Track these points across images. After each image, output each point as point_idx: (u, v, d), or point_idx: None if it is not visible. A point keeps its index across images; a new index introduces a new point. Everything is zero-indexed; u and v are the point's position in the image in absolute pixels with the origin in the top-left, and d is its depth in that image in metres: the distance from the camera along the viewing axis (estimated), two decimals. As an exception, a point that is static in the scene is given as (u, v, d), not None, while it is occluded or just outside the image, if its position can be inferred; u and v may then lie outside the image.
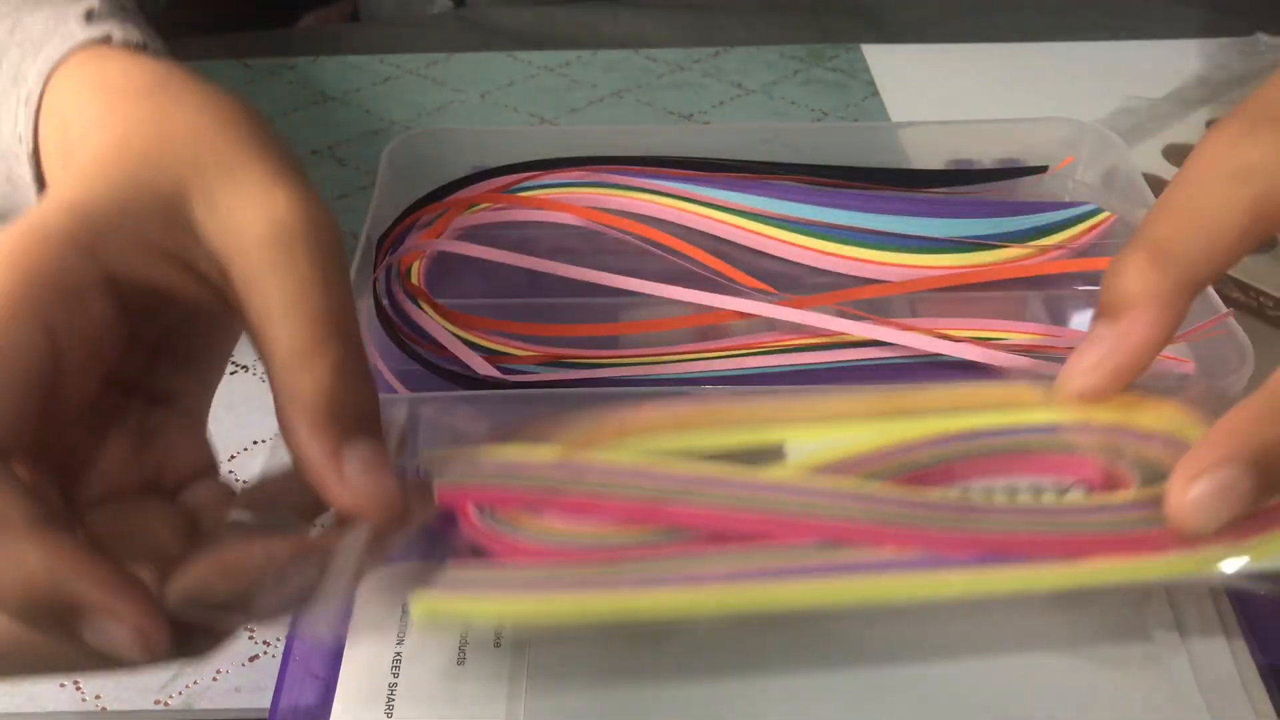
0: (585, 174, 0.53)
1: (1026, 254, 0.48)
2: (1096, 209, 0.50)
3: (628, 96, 0.71)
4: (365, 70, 0.73)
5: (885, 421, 0.33)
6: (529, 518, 0.31)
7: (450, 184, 0.52)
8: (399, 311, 0.45)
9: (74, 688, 0.39)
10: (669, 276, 0.48)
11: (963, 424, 0.33)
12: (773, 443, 0.33)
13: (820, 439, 0.33)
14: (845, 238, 0.49)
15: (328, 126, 0.68)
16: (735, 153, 0.53)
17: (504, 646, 0.36)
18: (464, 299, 0.46)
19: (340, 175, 0.64)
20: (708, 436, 0.33)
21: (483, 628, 0.36)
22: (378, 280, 0.46)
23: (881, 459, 0.32)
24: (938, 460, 0.33)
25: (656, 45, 0.75)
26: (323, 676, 0.37)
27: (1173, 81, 0.68)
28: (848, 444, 0.33)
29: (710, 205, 0.51)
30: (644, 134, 0.56)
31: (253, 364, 0.51)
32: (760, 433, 0.33)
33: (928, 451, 0.33)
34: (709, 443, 0.33)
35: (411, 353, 0.43)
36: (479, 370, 0.42)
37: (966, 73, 0.72)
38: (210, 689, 0.39)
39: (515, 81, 0.72)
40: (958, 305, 0.47)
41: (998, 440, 0.33)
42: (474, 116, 0.69)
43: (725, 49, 0.75)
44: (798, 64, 0.74)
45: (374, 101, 0.70)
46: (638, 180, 0.52)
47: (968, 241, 0.48)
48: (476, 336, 0.44)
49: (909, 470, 0.32)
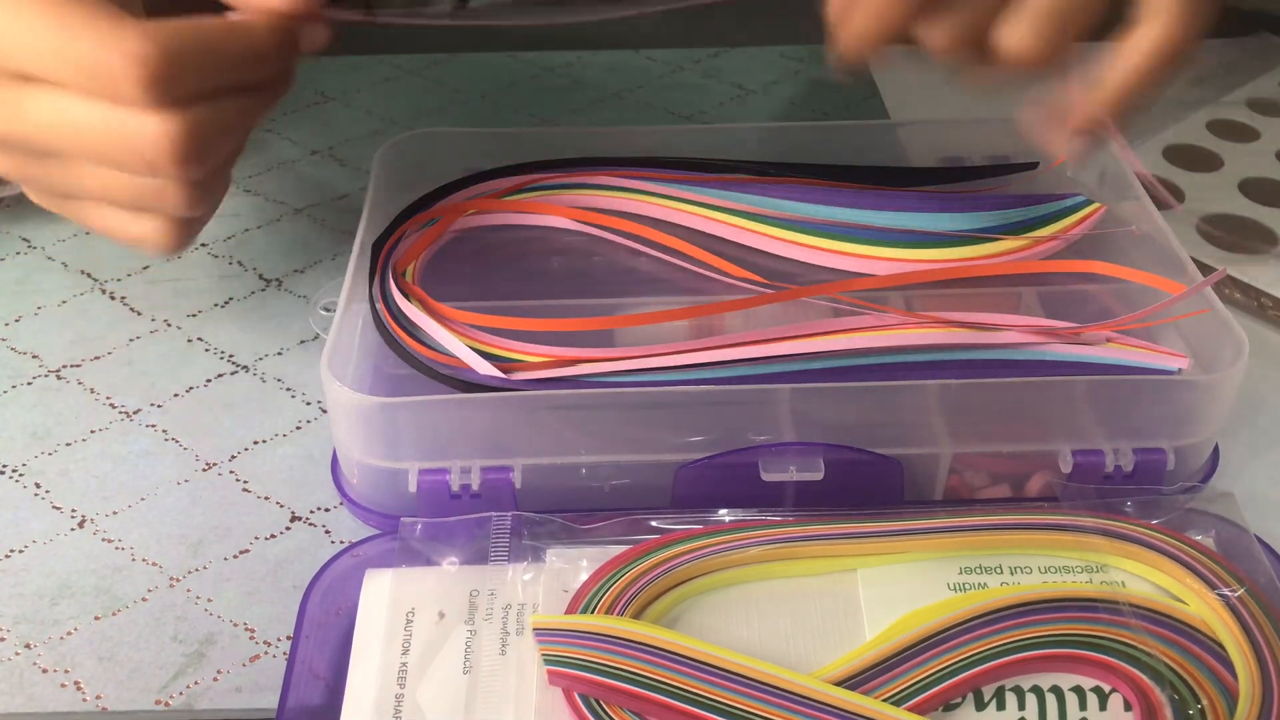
0: (584, 175, 0.53)
1: (1020, 245, 0.49)
2: (1086, 200, 0.51)
3: (628, 97, 0.71)
4: (365, 70, 0.73)
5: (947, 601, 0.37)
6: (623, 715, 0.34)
7: (450, 184, 0.52)
8: (396, 314, 0.45)
9: (74, 688, 0.39)
10: (667, 276, 0.48)
11: (1021, 593, 0.37)
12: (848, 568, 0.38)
13: (886, 568, 0.38)
14: (840, 234, 0.49)
15: (328, 126, 0.68)
16: (735, 153, 0.54)
17: (509, 655, 0.36)
18: (461, 300, 0.46)
19: (340, 175, 0.64)
20: (794, 568, 0.38)
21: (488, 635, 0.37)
22: (375, 283, 0.46)
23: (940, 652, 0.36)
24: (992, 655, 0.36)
25: (656, 45, 0.75)
26: (327, 679, 0.37)
27: (1172, 81, 0.68)
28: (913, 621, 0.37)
29: (710, 206, 0.51)
30: (644, 134, 0.56)
31: (253, 364, 0.51)
32: (838, 564, 0.39)
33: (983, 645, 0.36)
34: (794, 571, 0.38)
35: (409, 355, 0.43)
36: (478, 371, 0.42)
37: (966, 72, 0.72)
38: (211, 689, 0.39)
39: (516, 82, 0.72)
40: (952, 300, 0.47)
41: (1052, 630, 0.36)
42: (474, 117, 0.69)
43: (725, 49, 0.76)
44: (798, 64, 0.74)
45: (374, 101, 0.70)
46: (637, 181, 0.52)
47: (961, 235, 0.49)
48: (474, 338, 0.44)
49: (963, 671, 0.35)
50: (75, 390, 0.50)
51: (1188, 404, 0.42)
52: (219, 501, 0.45)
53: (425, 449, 0.41)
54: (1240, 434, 0.47)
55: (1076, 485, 0.41)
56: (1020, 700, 0.35)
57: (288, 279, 0.56)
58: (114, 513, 0.45)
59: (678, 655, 0.35)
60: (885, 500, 0.42)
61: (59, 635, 0.40)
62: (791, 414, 0.41)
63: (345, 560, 0.39)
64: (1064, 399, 0.42)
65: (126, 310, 0.55)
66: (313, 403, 0.49)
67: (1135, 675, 0.35)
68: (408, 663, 0.36)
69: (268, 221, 0.60)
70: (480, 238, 0.52)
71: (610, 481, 0.42)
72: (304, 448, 0.47)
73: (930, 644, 0.36)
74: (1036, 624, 0.36)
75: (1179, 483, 0.42)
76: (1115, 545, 0.38)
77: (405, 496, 0.41)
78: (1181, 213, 0.56)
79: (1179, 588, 0.37)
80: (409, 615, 0.37)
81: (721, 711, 0.34)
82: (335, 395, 0.40)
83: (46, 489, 0.46)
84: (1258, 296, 0.53)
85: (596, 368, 0.42)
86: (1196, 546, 0.38)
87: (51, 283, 0.56)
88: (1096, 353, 0.44)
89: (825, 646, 0.36)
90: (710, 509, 0.40)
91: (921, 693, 0.34)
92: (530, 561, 0.38)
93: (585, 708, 0.34)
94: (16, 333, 0.53)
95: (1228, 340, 0.42)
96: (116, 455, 0.47)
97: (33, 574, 0.43)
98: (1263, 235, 0.56)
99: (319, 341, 0.49)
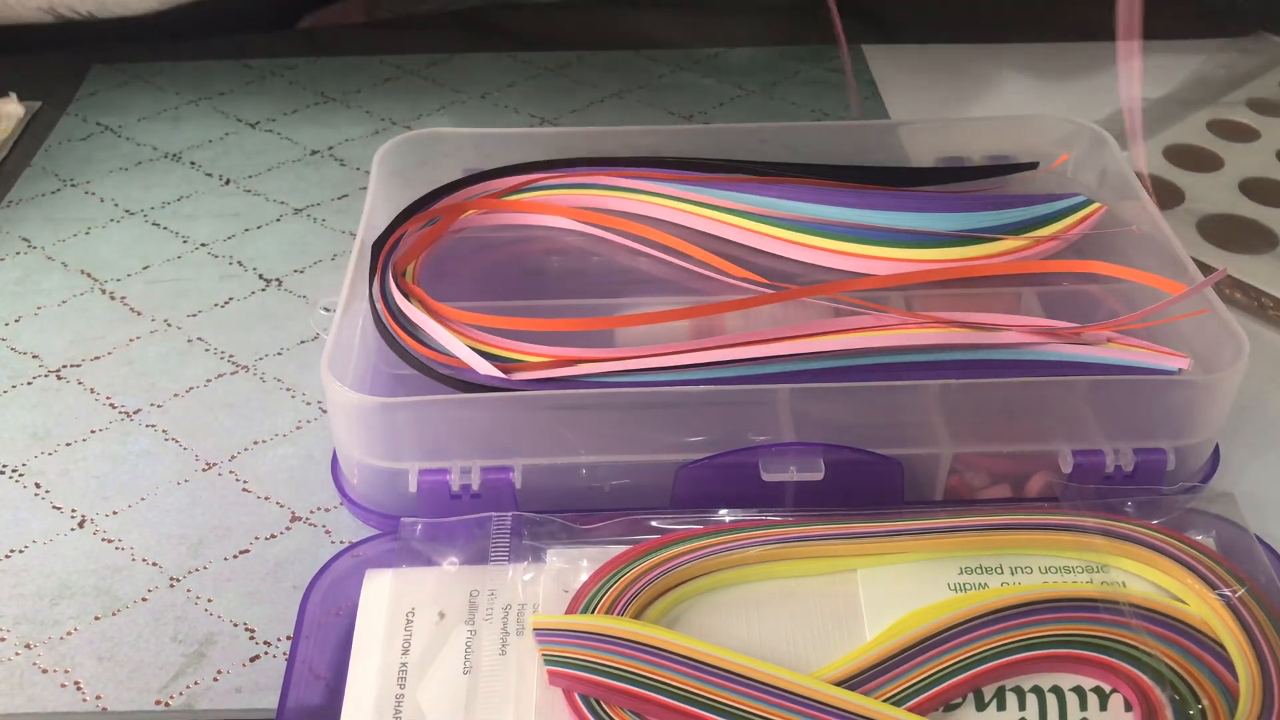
0: (584, 175, 0.53)
1: (1020, 245, 0.49)
2: (1087, 200, 0.51)
3: (628, 97, 0.71)
4: (365, 70, 0.73)
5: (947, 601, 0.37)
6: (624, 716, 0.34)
7: (450, 184, 0.52)
8: (396, 314, 0.45)
9: (75, 688, 0.39)
10: (667, 277, 0.48)
11: (1021, 593, 0.37)
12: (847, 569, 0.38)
13: (886, 568, 0.38)
14: (840, 234, 0.49)
15: (328, 126, 0.68)
16: (735, 153, 0.54)
17: (509, 655, 0.36)
18: (461, 300, 0.46)
19: (340, 175, 0.64)
20: (795, 568, 0.38)
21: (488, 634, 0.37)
22: (375, 283, 0.46)
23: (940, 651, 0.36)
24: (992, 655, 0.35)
25: (656, 45, 0.75)
26: (327, 679, 0.37)
27: (1173, 81, 0.68)
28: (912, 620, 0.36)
29: (710, 206, 0.51)
30: (644, 134, 0.56)
31: (253, 364, 0.51)
32: (838, 564, 0.38)
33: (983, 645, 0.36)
34: (794, 571, 0.38)
35: (409, 355, 0.43)
36: (478, 371, 0.42)
37: (966, 73, 0.72)
38: (211, 689, 0.39)
39: (516, 82, 0.72)
40: (952, 300, 0.47)
41: (1053, 630, 0.36)
42: (474, 117, 0.69)
43: (725, 49, 0.76)
44: (798, 64, 0.74)
45: (374, 101, 0.70)
46: (637, 181, 0.52)
47: (961, 235, 0.49)
48: (474, 338, 0.44)
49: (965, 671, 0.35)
50: (75, 390, 0.50)
51: (1188, 404, 0.42)
52: (219, 501, 0.45)
53: (425, 449, 0.41)
54: (1240, 434, 0.47)
55: (1076, 485, 0.41)
56: (1020, 700, 0.35)
57: (288, 279, 0.56)
58: (114, 513, 0.45)
59: (678, 655, 0.35)
60: (885, 500, 0.42)
61: (59, 635, 0.40)
62: (791, 414, 0.41)
63: (345, 560, 0.39)
64: (1064, 399, 0.42)
65: (126, 310, 0.55)
66: (313, 403, 0.49)
67: (1136, 675, 0.35)
68: (408, 663, 0.36)
69: (268, 221, 0.60)
70: (480, 238, 0.52)
71: (610, 482, 0.42)
72: (304, 448, 0.47)
73: (930, 644, 0.36)
74: (1037, 624, 0.36)
75: (1179, 483, 0.42)
76: (1116, 545, 0.38)
77: (405, 497, 0.41)
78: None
79: (1179, 588, 0.37)
80: (409, 615, 0.37)
81: (721, 711, 0.33)
82: (335, 395, 0.40)
83: (46, 489, 0.46)
84: (1258, 296, 0.53)
85: (597, 368, 0.42)
86: (1197, 546, 0.38)
87: (51, 283, 0.56)
88: (1096, 353, 0.44)
89: (825, 646, 0.36)
90: (710, 509, 0.40)
91: (922, 693, 0.34)
92: (530, 562, 0.38)
93: (585, 708, 0.34)
94: (16, 333, 0.53)
95: (1228, 340, 0.42)
96: (116, 455, 0.47)
97: (33, 574, 0.43)
98: (1263, 235, 0.56)
99: (319, 341, 0.49)
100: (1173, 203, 0.58)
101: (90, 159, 0.66)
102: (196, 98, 0.71)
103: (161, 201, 0.62)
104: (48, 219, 0.61)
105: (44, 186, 0.63)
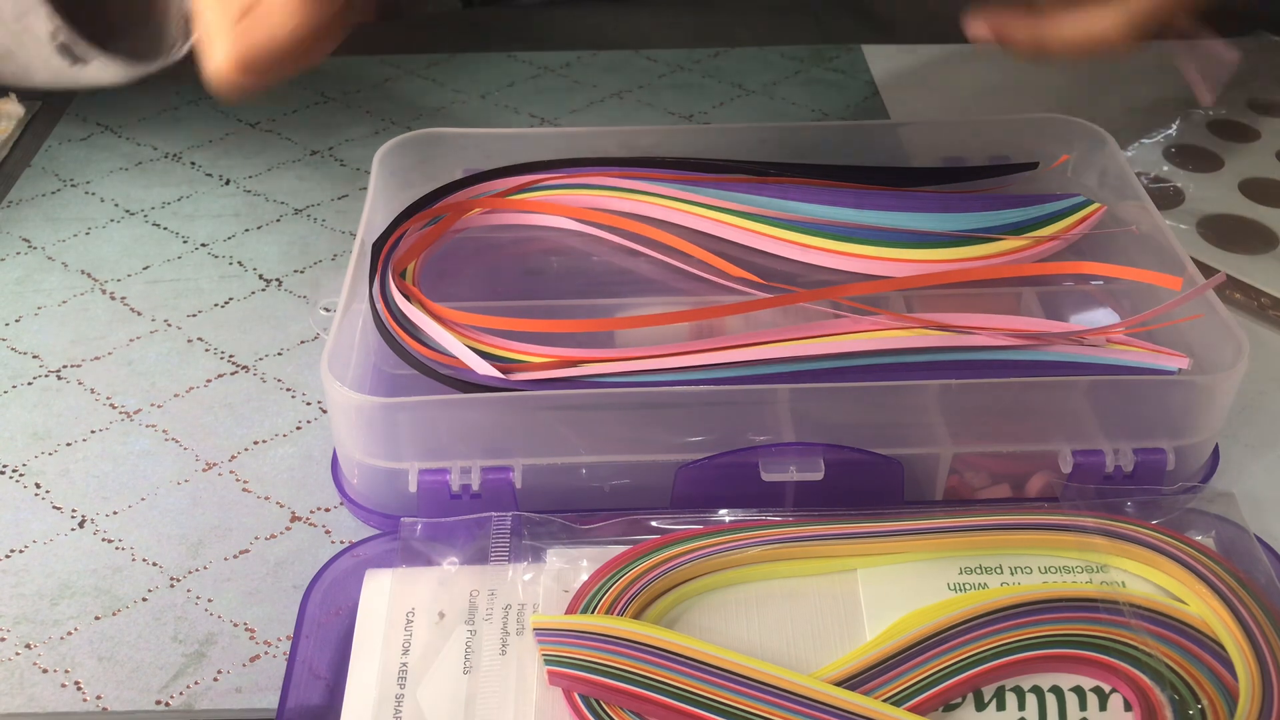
0: (584, 175, 0.53)
1: (1020, 245, 0.49)
2: (1086, 200, 0.51)
3: (628, 97, 0.71)
4: (365, 70, 0.73)
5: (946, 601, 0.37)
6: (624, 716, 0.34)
7: (450, 184, 0.52)
8: (396, 314, 0.45)
9: (75, 688, 0.39)
10: (667, 277, 0.48)
11: (1021, 593, 0.37)
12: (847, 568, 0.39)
13: (886, 568, 0.38)
14: (840, 234, 0.49)
15: (328, 126, 0.68)
16: (735, 153, 0.54)
17: (509, 655, 0.36)
18: (461, 300, 0.46)
19: (340, 175, 0.64)
20: (795, 568, 0.38)
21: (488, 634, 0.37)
22: (375, 283, 0.46)
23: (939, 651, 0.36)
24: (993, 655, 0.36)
25: (656, 45, 0.75)
26: (327, 679, 0.37)
27: (1173, 81, 0.68)
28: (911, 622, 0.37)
29: (710, 206, 0.51)
30: (644, 134, 0.56)
31: (253, 364, 0.51)
32: (838, 564, 0.39)
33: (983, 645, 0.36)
34: (794, 571, 0.38)
35: (409, 355, 0.43)
36: (478, 371, 0.42)
37: (966, 73, 0.72)
38: (211, 689, 0.39)
39: (515, 82, 0.72)
40: (953, 301, 0.47)
41: (1053, 630, 0.36)
42: (474, 117, 0.69)
43: (725, 49, 0.76)
44: (798, 64, 0.74)
45: (374, 101, 0.70)
46: (637, 181, 0.52)
47: (961, 235, 0.49)
48: (474, 338, 0.44)
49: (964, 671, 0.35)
50: (75, 390, 0.50)
51: (1188, 404, 0.42)
52: (219, 501, 0.45)
53: (425, 449, 0.41)
54: (1240, 434, 0.47)
55: (1077, 485, 0.41)
56: (1020, 700, 0.35)
57: (288, 279, 0.56)
58: (114, 513, 0.45)
59: (678, 655, 0.35)
60: (885, 500, 0.42)
61: (59, 635, 0.40)
62: (791, 414, 0.41)
63: (345, 560, 0.39)
64: (1064, 399, 0.42)
65: (126, 310, 0.55)
66: (313, 403, 0.49)
67: (1135, 675, 0.35)
68: (408, 663, 0.36)
69: (268, 221, 0.60)
70: (480, 238, 0.52)
71: (610, 482, 0.42)
72: (304, 448, 0.47)
73: (930, 644, 0.36)
74: (1037, 624, 0.36)
75: (1179, 483, 0.42)
76: (1115, 545, 0.38)
77: (405, 496, 0.41)
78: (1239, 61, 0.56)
79: (1179, 588, 0.37)
80: (409, 615, 0.37)
81: (721, 711, 0.34)
82: (335, 395, 0.40)
83: (46, 489, 0.46)
84: (1258, 296, 0.53)
85: (597, 368, 0.42)
86: (1197, 546, 0.38)
87: (51, 283, 0.56)
88: (1096, 353, 0.44)
89: (825, 646, 0.36)
90: (710, 509, 0.40)
91: (921, 693, 0.34)
92: (530, 561, 0.38)
93: (585, 708, 0.34)
94: (16, 333, 0.53)
95: (1227, 341, 0.42)
96: (116, 455, 0.47)
97: (33, 574, 0.43)
98: (1263, 235, 0.56)
99: (319, 341, 0.49)
100: (1173, 203, 0.58)
101: (90, 159, 0.66)
102: (196, 98, 0.71)
103: (161, 201, 0.62)
104: (48, 219, 0.61)
105: (44, 186, 0.63)
